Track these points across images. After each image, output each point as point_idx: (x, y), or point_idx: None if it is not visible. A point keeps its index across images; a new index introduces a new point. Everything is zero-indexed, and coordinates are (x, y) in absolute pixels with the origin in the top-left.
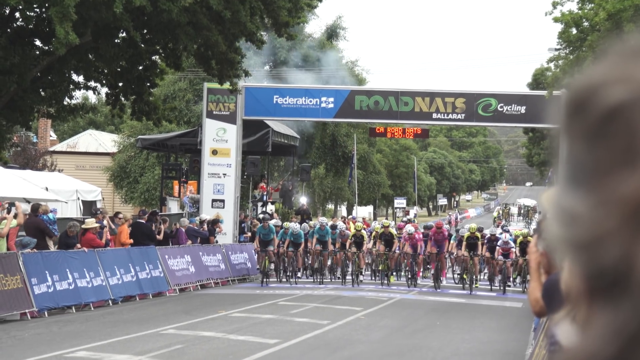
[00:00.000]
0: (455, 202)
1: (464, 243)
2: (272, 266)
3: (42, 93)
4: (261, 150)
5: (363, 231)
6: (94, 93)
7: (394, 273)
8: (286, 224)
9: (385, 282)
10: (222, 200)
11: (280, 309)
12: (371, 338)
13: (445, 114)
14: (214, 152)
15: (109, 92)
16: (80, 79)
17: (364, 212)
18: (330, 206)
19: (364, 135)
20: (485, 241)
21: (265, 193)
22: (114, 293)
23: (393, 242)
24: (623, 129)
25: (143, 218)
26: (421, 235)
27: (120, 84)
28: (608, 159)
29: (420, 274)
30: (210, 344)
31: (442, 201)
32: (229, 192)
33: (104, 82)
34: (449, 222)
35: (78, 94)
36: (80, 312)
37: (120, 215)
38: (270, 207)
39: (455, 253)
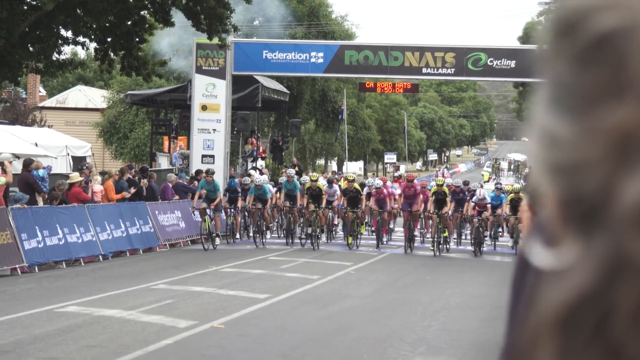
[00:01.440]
0: (445, 157)
1: (431, 199)
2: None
3: (31, 48)
4: (251, 105)
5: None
6: (83, 48)
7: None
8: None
9: (354, 243)
10: (212, 156)
11: (271, 264)
12: (361, 293)
13: (435, 69)
14: (204, 108)
15: (97, 47)
16: (69, 34)
17: (354, 167)
18: (321, 162)
19: (353, 91)
20: (451, 197)
21: (255, 149)
22: (104, 248)
23: (359, 198)
24: (612, 58)
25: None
26: (390, 190)
27: (109, 39)
28: (595, 87)
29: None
30: (200, 299)
31: (433, 156)
32: (218, 147)
33: (92, 37)
34: (436, 176)
35: (67, 50)
36: (71, 267)
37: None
38: (261, 163)
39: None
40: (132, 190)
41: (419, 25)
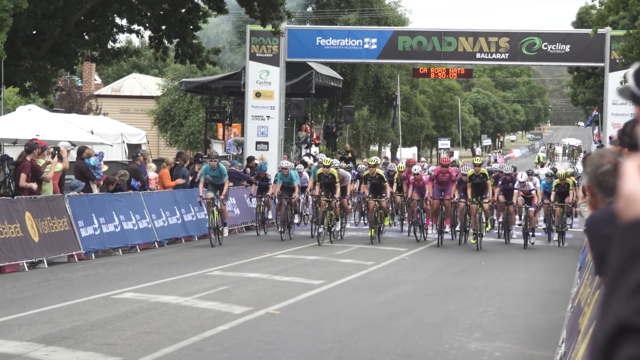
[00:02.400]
0: (499, 143)
1: (469, 184)
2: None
3: (86, 37)
4: (304, 92)
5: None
6: (138, 36)
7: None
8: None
9: (376, 237)
10: (266, 143)
11: (325, 250)
12: (416, 278)
13: (489, 54)
14: (258, 95)
15: (152, 35)
16: (124, 22)
17: (408, 153)
18: (375, 148)
19: (407, 77)
20: (500, 182)
21: (309, 135)
22: (159, 235)
23: (382, 186)
24: None
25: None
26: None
27: (163, 27)
28: None
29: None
30: (255, 285)
31: (487, 142)
32: (272, 134)
33: (147, 25)
34: (489, 163)
35: (121, 38)
36: (127, 254)
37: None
38: (315, 149)
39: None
40: (181, 181)
41: (473, 11)
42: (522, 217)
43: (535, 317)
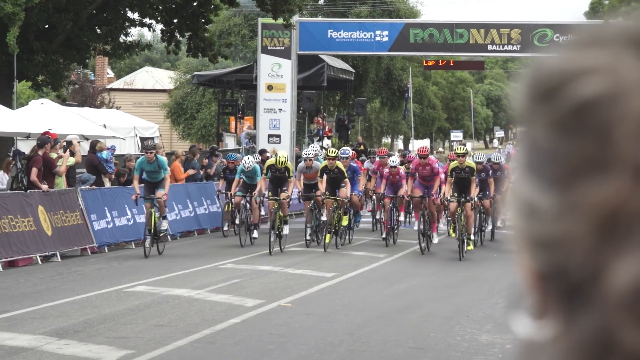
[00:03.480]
0: (512, 134)
1: (450, 179)
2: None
3: (98, 31)
4: (316, 85)
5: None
6: (149, 30)
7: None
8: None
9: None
10: (278, 136)
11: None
12: (427, 271)
13: (501, 46)
14: (270, 88)
15: (164, 28)
16: (135, 16)
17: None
18: (387, 140)
19: (419, 69)
20: (490, 173)
21: (321, 128)
22: (172, 228)
23: (342, 181)
24: (596, 127)
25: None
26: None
27: (175, 21)
28: (578, 158)
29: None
30: (267, 278)
31: (499, 133)
32: (284, 127)
33: (158, 18)
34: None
35: (133, 31)
36: (140, 247)
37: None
38: (327, 142)
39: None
40: (192, 171)
41: (484, 2)
42: None
43: None
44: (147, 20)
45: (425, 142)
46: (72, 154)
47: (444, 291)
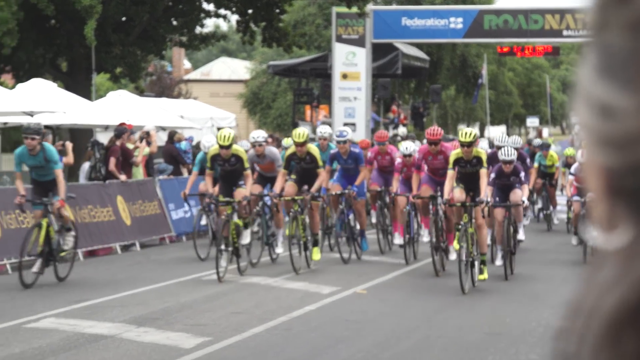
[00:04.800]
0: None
1: (450, 172)
2: None
3: (174, 22)
4: (391, 73)
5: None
6: (225, 21)
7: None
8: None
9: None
10: (354, 124)
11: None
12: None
13: (577, 31)
14: (344, 76)
15: (239, 19)
16: (211, 7)
17: (496, 132)
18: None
19: (494, 55)
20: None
21: (396, 116)
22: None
23: (316, 172)
24: None
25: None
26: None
27: (250, 11)
28: None
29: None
30: (343, 265)
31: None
32: (360, 115)
33: (233, 9)
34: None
35: (209, 22)
36: None
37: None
38: (402, 130)
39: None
40: None
41: None
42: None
43: None
44: (222, 11)
45: (502, 129)
46: (149, 144)
47: (519, 277)
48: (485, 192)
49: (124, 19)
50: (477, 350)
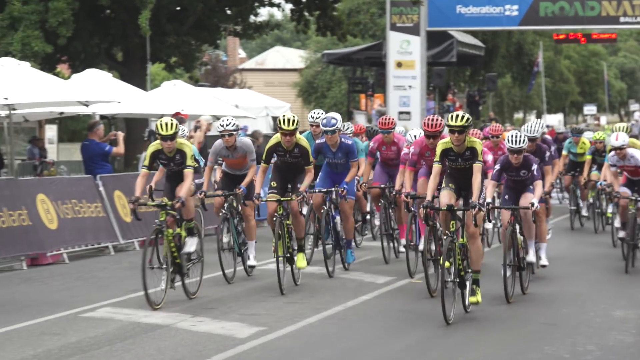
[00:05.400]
0: None
1: (437, 167)
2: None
3: (228, 12)
4: (446, 61)
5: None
6: (279, 10)
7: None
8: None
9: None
10: (408, 113)
11: None
12: (558, 251)
13: (634, 17)
14: (399, 65)
15: (293, 8)
16: None
17: (553, 120)
18: (519, 115)
19: (550, 43)
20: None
21: (452, 104)
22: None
23: (301, 168)
24: None
25: None
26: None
27: (304, 0)
28: None
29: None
30: (401, 256)
31: (634, 107)
32: (414, 104)
33: None
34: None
35: (263, 11)
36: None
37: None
38: None
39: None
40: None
41: None
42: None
43: None
44: (276, 0)
45: (559, 117)
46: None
47: (574, 268)
48: (481, 193)
49: (178, 8)
50: (533, 340)
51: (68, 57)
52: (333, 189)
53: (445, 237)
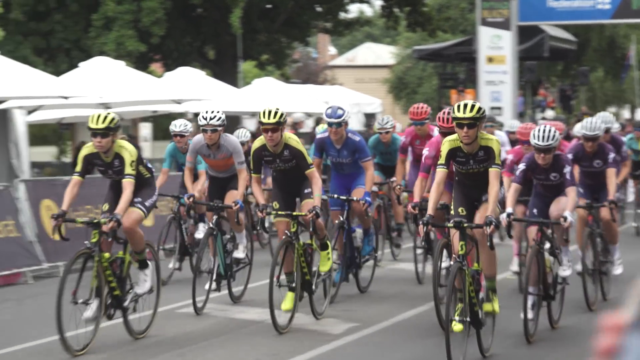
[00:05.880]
0: None
1: (440, 171)
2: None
3: (318, 9)
4: (537, 55)
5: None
6: (369, 6)
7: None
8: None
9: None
10: (500, 108)
11: None
12: (632, 256)
13: None
14: (490, 60)
15: (383, 4)
16: None
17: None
18: (613, 109)
19: None
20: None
21: (544, 99)
22: None
23: (301, 175)
24: None
25: None
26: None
27: None
28: None
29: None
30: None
31: None
32: (506, 99)
33: None
34: None
35: (353, 8)
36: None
37: None
38: (550, 113)
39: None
40: None
41: None
42: None
43: None
44: None
45: None
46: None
47: None
48: (494, 205)
49: (269, 6)
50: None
51: (161, 56)
52: (354, 197)
53: (452, 263)
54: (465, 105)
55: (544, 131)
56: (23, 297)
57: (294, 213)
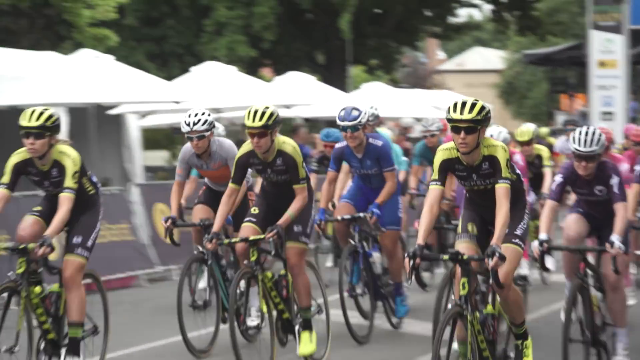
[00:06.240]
0: None
1: (433, 190)
2: None
3: (428, 13)
4: None
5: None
6: (478, 10)
7: None
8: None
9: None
10: (611, 113)
11: None
12: None
13: None
14: (601, 64)
15: (493, 9)
16: None
17: None
18: None
19: None
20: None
21: None
22: None
23: (290, 187)
24: None
25: None
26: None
27: (504, 0)
28: None
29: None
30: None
31: None
32: (618, 103)
33: None
34: None
35: (462, 12)
36: None
37: None
38: None
39: None
40: None
41: None
42: None
43: None
44: (475, 1)
45: None
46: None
47: None
48: (522, 223)
49: (378, 11)
50: None
51: (272, 61)
52: (361, 214)
53: (449, 307)
54: (464, 104)
55: (587, 134)
56: (138, 300)
57: (251, 237)
